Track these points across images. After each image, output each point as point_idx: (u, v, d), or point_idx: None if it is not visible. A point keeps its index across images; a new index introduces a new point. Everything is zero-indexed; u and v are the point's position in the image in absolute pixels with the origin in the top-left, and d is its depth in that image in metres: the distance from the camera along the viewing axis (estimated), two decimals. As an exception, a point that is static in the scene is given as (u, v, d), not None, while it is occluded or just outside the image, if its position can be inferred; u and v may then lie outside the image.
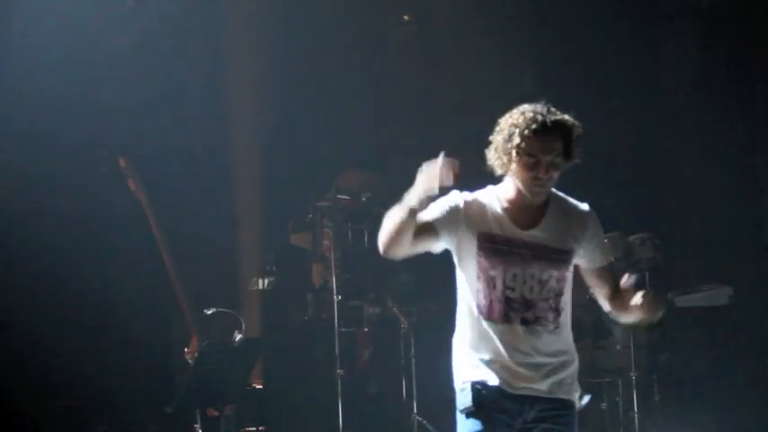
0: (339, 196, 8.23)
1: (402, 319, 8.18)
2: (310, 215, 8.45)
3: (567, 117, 4.24)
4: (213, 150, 9.23)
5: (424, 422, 8.04)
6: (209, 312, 7.04)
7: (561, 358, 4.36)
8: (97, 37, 8.63)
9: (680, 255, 9.43)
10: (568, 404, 4.32)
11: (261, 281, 8.78)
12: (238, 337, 6.93)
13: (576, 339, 8.42)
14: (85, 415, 8.26)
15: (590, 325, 8.50)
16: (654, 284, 8.28)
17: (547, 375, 4.31)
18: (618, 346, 8.47)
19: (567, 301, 4.36)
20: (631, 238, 8.43)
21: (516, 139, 4.12)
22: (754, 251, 9.60)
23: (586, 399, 4.52)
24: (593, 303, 8.52)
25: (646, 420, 8.08)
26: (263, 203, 9.65)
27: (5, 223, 8.00)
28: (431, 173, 4.19)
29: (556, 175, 4.18)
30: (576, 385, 4.37)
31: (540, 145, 4.11)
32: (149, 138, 8.47)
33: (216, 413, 6.81)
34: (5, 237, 7.91)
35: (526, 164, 4.11)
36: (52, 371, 8.07)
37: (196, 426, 6.83)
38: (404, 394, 8.32)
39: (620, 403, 8.24)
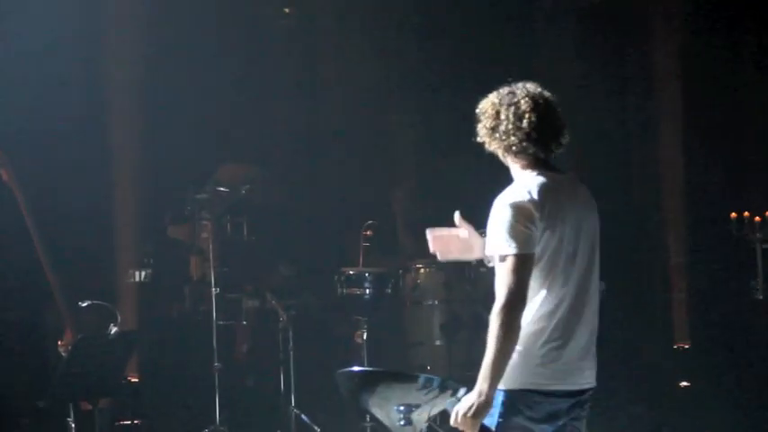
0: (218, 189, 8.24)
1: (281, 312, 8.20)
2: (189, 207, 8.40)
3: (498, 96, 4.38)
4: (90, 141, 9.16)
5: (302, 415, 8.12)
6: (84, 305, 6.87)
7: None
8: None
9: None
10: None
11: (138, 273, 8.75)
12: (114, 329, 6.74)
13: (455, 331, 8.52)
14: None
15: (468, 317, 8.62)
16: None
17: None
18: None
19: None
20: None
21: None
22: (624, 248, 9.84)
23: (462, 392, 4.47)
24: (470, 296, 8.70)
25: None
26: (140, 195, 9.61)
27: None
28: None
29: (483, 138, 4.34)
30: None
31: None
32: (23, 128, 8.36)
33: (90, 407, 6.74)
34: None
35: None
36: None
37: (69, 420, 6.66)
38: (282, 387, 8.37)
39: None
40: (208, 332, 7.81)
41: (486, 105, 4.37)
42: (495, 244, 4.15)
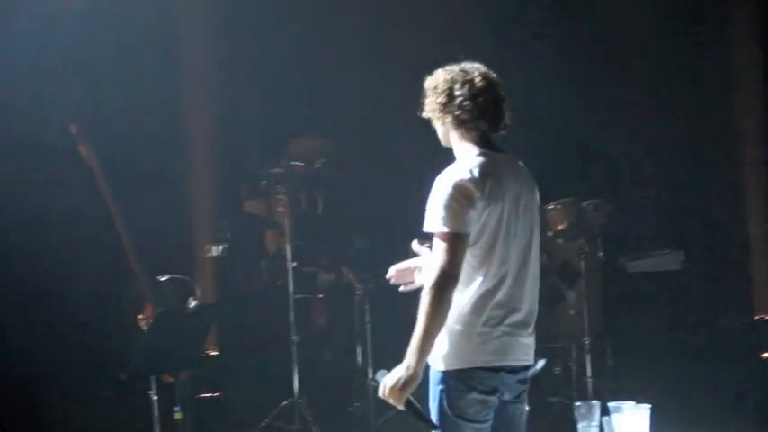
0: (293, 163, 8.28)
1: (357, 285, 8.28)
2: (264, 182, 8.48)
3: (443, 72, 4.48)
4: (166, 117, 9.23)
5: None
6: (164, 279, 7.04)
7: None
8: (45, 5, 8.56)
9: (634, 221, 9.55)
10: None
11: (215, 248, 8.87)
12: (193, 303, 6.93)
13: None
14: (38, 383, 8.34)
15: (543, 290, 8.56)
16: (605, 250, 8.68)
17: None
18: (571, 311, 8.53)
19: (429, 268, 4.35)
20: (585, 203, 8.58)
21: None
22: (704, 218, 9.84)
23: (541, 363, 4.62)
24: (545, 268, 8.60)
25: (599, 384, 8.15)
26: (216, 170, 9.68)
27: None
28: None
29: (430, 113, 4.50)
30: (437, 349, 4.33)
31: None
32: (101, 105, 8.44)
33: (171, 379, 6.71)
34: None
35: None
36: (3, 340, 8.16)
37: (151, 392, 6.64)
38: (359, 359, 8.44)
39: (574, 368, 8.41)
40: (284, 305, 7.91)
41: (438, 81, 4.45)
42: (431, 221, 4.23)
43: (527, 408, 4.53)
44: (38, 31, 8.45)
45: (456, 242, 4.21)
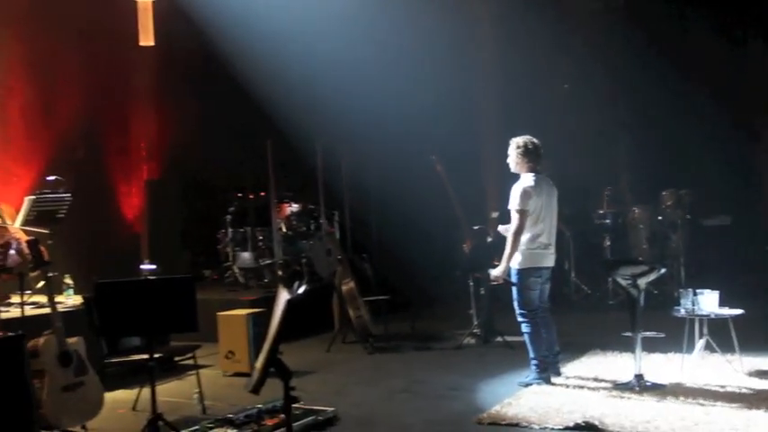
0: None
1: (566, 231, 8.76)
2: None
3: (515, 140, 5.50)
4: (470, 143, 9.95)
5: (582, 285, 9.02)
6: (475, 227, 7.71)
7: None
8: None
9: (705, 197, 9.46)
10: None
11: (494, 213, 9.21)
12: (489, 239, 7.57)
13: (654, 240, 9.02)
14: (414, 272, 9.34)
15: (659, 233, 8.98)
16: (692, 214, 8.89)
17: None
18: (673, 245, 8.94)
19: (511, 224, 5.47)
20: (681, 191, 9.02)
21: None
22: (747, 191, 10.11)
23: (663, 270, 5.43)
24: (662, 222, 9.09)
25: (690, 281, 8.31)
26: (498, 174, 8.84)
27: (380, 187, 9.52)
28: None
29: (509, 161, 5.52)
30: (515, 259, 5.35)
31: None
32: (436, 136, 9.06)
33: (479, 275, 7.33)
34: (383, 195, 9.43)
35: None
36: (400, 253, 9.29)
37: (469, 281, 7.45)
38: (566, 267, 9.02)
39: (675, 273, 8.76)
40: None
41: (519, 143, 5.46)
42: (513, 205, 5.39)
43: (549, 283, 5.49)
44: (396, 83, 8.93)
45: (524, 213, 5.38)
